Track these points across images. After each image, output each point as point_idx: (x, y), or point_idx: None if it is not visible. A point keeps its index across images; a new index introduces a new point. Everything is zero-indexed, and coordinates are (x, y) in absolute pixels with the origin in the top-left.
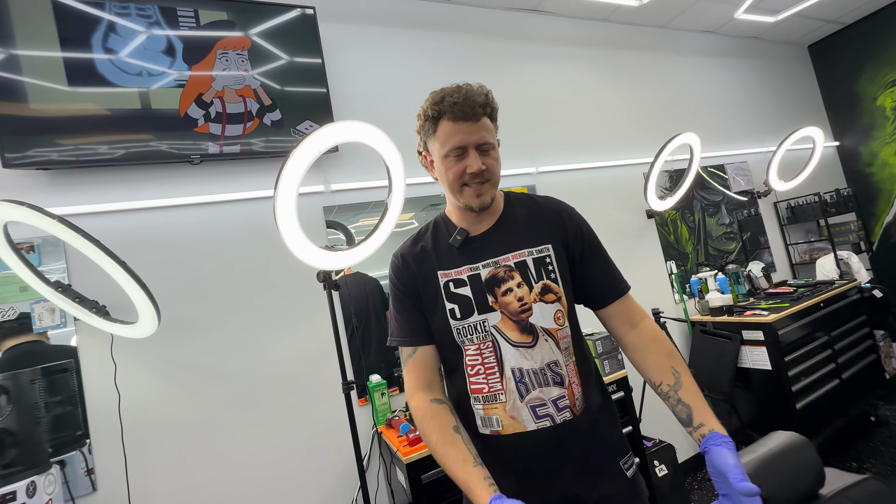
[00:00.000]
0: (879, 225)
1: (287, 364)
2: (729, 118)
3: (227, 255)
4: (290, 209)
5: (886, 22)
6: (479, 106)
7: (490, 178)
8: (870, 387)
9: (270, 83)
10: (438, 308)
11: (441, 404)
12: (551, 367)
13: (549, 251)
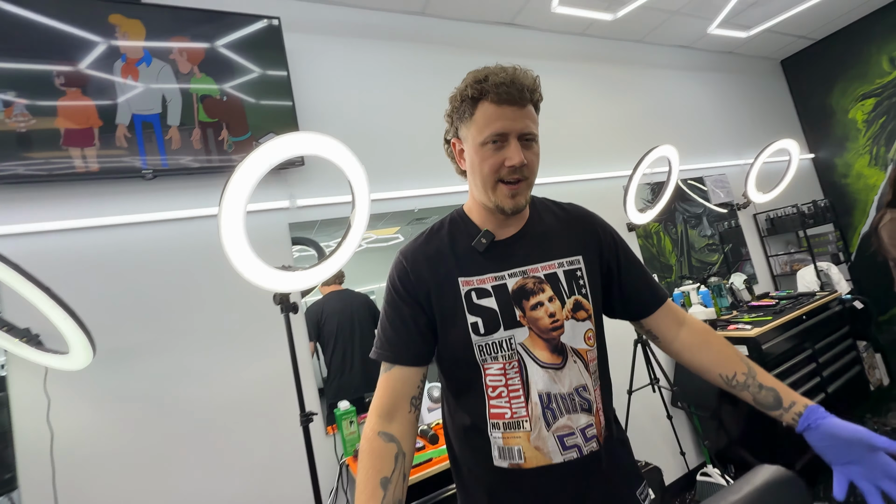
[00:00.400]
0: (857, 235)
1: (245, 392)
2: (707, 131)
3: (181, 275)
4: (237, 227)
5: (855, 37)
6: (527, 90)
7: (528, 177)
8: (855, 400)
9: (236, 94)
10: (458, 321)
11: (388, 443)
12: (580, 392)
13: (581, 264)
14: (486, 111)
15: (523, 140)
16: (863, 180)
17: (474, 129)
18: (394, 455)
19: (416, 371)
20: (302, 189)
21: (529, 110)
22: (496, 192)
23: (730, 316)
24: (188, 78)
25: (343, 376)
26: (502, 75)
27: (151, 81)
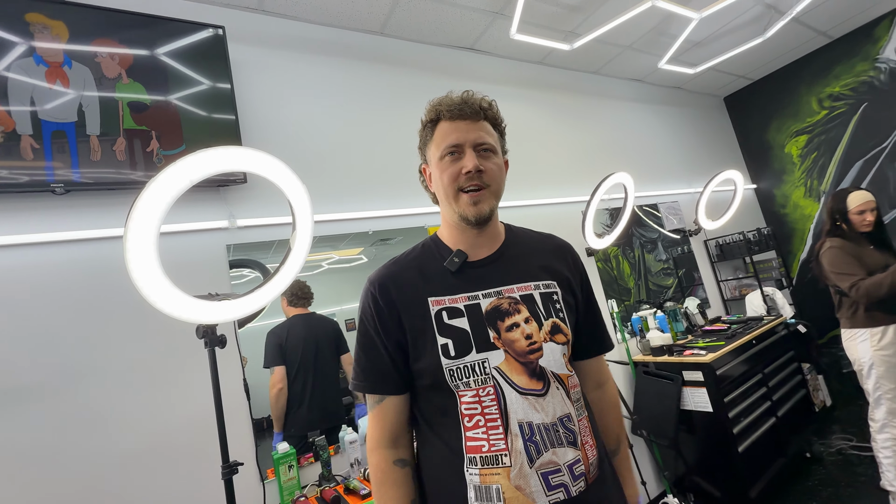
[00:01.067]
0: (796, 262)
1: (164, 438)
2: (659, 160)
3: (90, 304)
4: (147, 249)
5: (788, 79)
6: (478, 107)
7: (489, 184)
8: (803, 422)
9: (173, 103)
10: (427, 342)
11: (404, 468)
12: (564, 423)
13: (556, 288)
14: (443, 129)
15: (479, 150)
16: (799, 210)
17: (434, 148)
18: (410, 477)
19: (404, 398)
20: (243, 208)
21: (483, 125)
22: (458, 201)
23: (685, 341)
24: (113, 84)
25: (300, 409)
26: (454, 97)
27: (78, 86)
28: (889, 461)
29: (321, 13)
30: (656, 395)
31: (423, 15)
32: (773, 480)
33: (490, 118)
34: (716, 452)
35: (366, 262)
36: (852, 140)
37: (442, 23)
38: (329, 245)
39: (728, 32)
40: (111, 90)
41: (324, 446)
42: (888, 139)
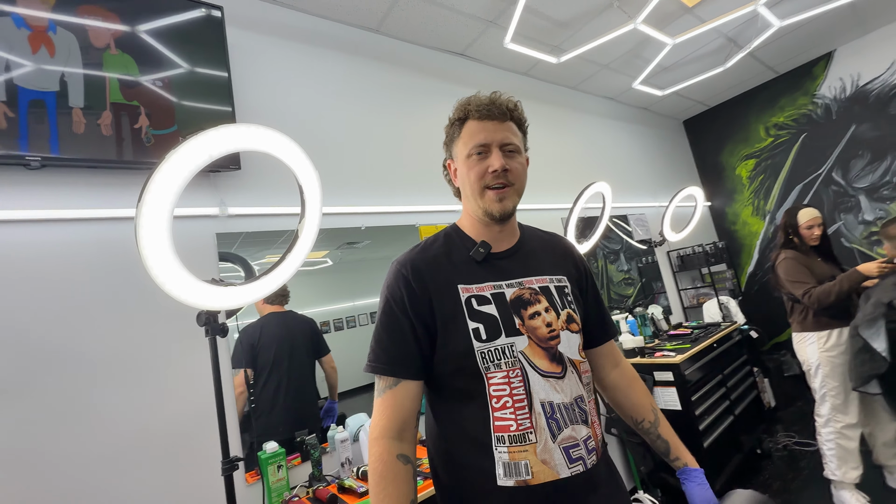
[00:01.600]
0: (744, 274)
1: (147, 436)
2: (629, 174)
3: (65, 290)
4: (161, 229)
5: (739, 107)
6: (505, 108)
7: (514, 183)
8: (755, 421)
9: (160, 92)
10: (458, 327)
11: (406, 465)
12: (578, 403)
13: (566, 283)
14: (471, 127)
15: (505, 150)
16: (747, 227)
17: (461, 145)
18: (412, 476)
19: (420, 385)
20: (234, 196)
21: (510, 125)
22: (484, 198)
23: (654, 344)
24: (100, 54)
25: (273, 413)
26: (483, 98)
27: (62, 53)
28: (832, 452)
29: (320, 4)
30: None
31: (421, 16)
32: (732, 475)
33: (516, 119)
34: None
35: (331, 265)
36: (794, 165)
37: (437, 25)
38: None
39: (693, 60)
40: (98, 60)
41: (315, 445)
42: (823, 166)
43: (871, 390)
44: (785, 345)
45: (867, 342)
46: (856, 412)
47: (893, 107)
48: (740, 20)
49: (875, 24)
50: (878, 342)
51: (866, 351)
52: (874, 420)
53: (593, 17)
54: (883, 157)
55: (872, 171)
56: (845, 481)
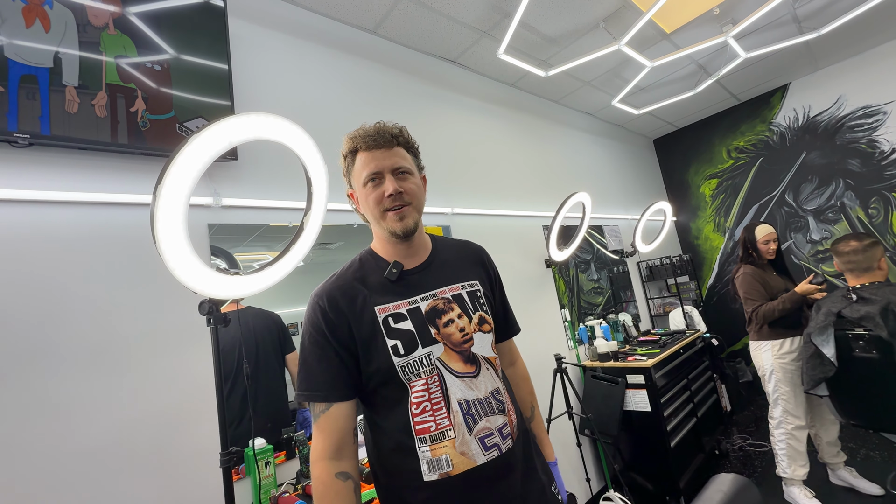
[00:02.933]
0: (705, 286)
1: (127, 431)
2: (604, 187)
3: (45, 275)
4: (177, 218)
5: (705, 130)
6: (391, 136)
7: (411, 202)
8: (714, 423)
9: (159, 76)
10: (378, 346)
11: (346, 481)
12: (495, 396)
13: (479, 286)
14: (362, 158)
15: (398, 174)
16: (709, 242)
17: (356, 176)
18: (353, 490)
19: (352, 405)
20: (229, 187)
21: (398, 150)
22: (386, 220)
23: (625, 349)
24: (99, 32)
25: (244, 422)
26: (369, 129)
27: (58, 29)
28: (783, 452)
29: (322, 1)
30: (602, 396)
31: (419, 21)
32: (695, 472)
33: (403, 143)
34: (651, 448)
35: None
36: (751, 186)
37: (434, 32)
38: (263, 245)
39: (667, 83)
40: (95, 39)
41: (303, 441)
42: (777, 188)
43: (819, 392)
44: (740, 353)
45: (818, 348)
46: (804, 415)
47: (839, 138)
48: (711, 49)
49: (825, 62)
50: (827, 348)
51: (817, 356)
52: (820, 421)
53: (581, 35)
54: (829, 183)
55: (820, 194)
56: (794, 478)
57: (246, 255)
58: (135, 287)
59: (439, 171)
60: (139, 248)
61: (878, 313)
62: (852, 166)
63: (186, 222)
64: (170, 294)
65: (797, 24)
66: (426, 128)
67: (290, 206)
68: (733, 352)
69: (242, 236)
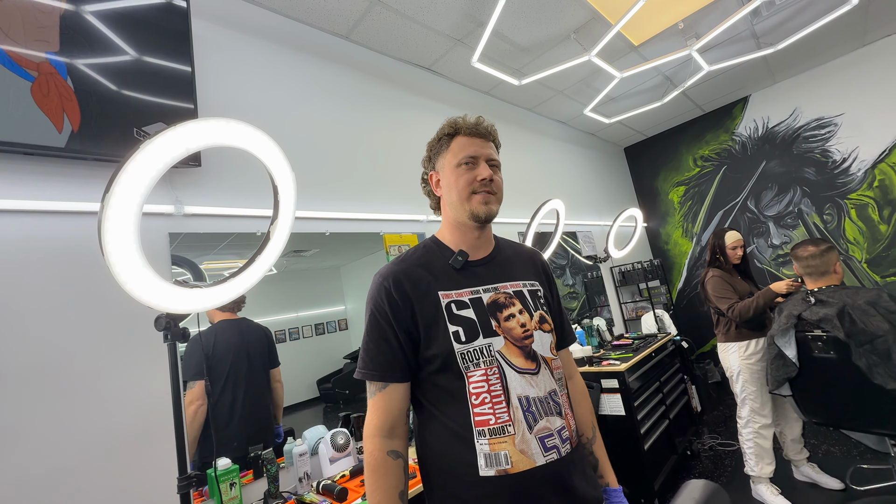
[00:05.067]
0: (675, 290)
1: (86, 452)
2: (578, 194)
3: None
4: (128, 227)
5: (673, 139)
6: (488, 130)
7: (496, 193)
8: (686, 424)
9: (104, 81)
10: (440, 331)
11: (396, 459)
12: (552, 397)
13: (539, 287)
14: (461, 142)
15: (490, 164)
16: (678, 247)
17: (450, 157)
18: (402, 469)
19: (407, 387)
20: (192, 195)
21: (492, 145)
22: (471, 201)
23: (600, 354)
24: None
25: (229, 427)
26: (471, 119)
27: None
28: (751, 451)
29: (292, 5)
30: None
31: (392, 27)
32: (669, 474)
33: (495, 141)
34: (626, 451)
35: (275, 273)
36: (716, 193)
37: (407, 39)
38: (234, 253)
39: (636, 94)
40: None
41: (272, 460)
42: (740, 195)
43: (783, 392)
44: (709, 354)
45: (781, 350)
46: (770, 413)
47: (796, 147)
48: (677, 62)
49: (782, 75)
50: (789, 350)
51: (780, 357)
52: (784, 420)
53: (553, 45)
54: (787, 190)
55: (779, 201)
56: (762, 476)
57: (216, 264)
58: (85, 301)
59: (415, 178)
60: (90, 260)
61: (836, 315)
62: (808, 175)
63: (138, 232)
64: (123, 308)
65: (756, 40)
66: (401, 134)
67: (256, 214)
68: (702, 353)
69: (211, 244)
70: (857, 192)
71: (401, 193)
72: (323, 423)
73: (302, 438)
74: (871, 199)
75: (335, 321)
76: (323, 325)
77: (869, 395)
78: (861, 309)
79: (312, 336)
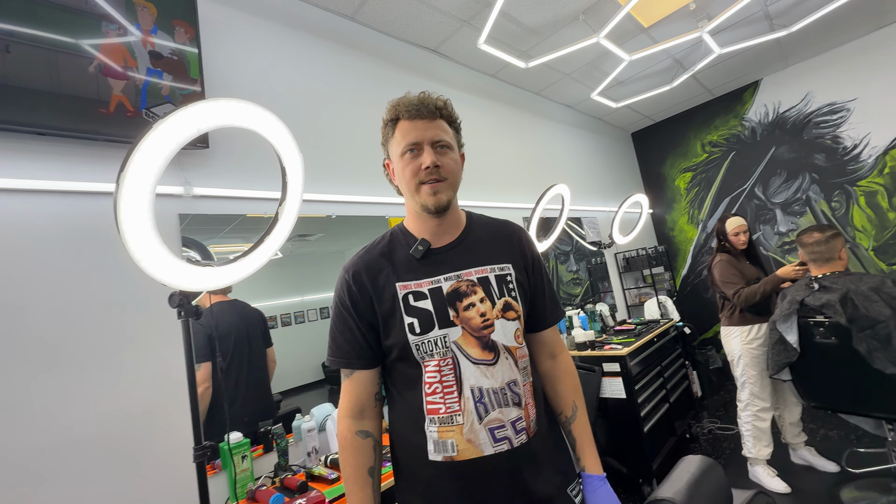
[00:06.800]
0: (679, 276)
1: (97, 427)
2: (583, 179)
3: (2, 267)
4: (143, 207)
5: (681, 124)
6: (434, 107)
7: (447, 178)
8: (686, 408)
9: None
10: (396, 322)
11: (366, 439)
12: (511, 387)
13: (510, 270)
14: (402, 127)
15: (437, 147)
16: (683, 234)
17: (395, 145)
18: (372, 447)
19: (373, 372)
20: (200, 176)
21: (440, 123)
22: (420, 193)
23: (602, 338)
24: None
25: (234, 406)
26: (412, 98)
27: None
28: (748, 433)
29: None
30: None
31: (397, 8)
32: (667, 456)
33: (445, 116)
34: (626, 433)
35: (281, 257)
36: (724, 180)
37: (413, 19)
38: (240, 236)
39: (644, 77)
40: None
41: (281, 434)
42: (748, 182)
43: (783, 377)
44: (711, 341)
45: (782, 335)
46: (769, 397)
47: (806, 133)
48: (687, 44)
49: (795, 59)
50: (791, 335)
51: (781, 343)
52: (783, 404)
53: (561, 26)
54: (796, 177)
55: (787, 188)
56: (759, 458)
57: (222, 247)
58: (103, 279)
59: None
60: (106, 239)
61: (838, 301)
62: (818, 161)
63: (153, 212)
64: (141, 286)
65: (769, 22)
66: None
67: (264, 196)
68: (704, 340)
69: (218, 227)
70: (867, 179)
71: None
72: (329, 404)
73: (310, 415)
74: (881, 186)
75: None
76: (328, 309)
77: (868, 380)
78: (864, 294)
79: (318, 320)
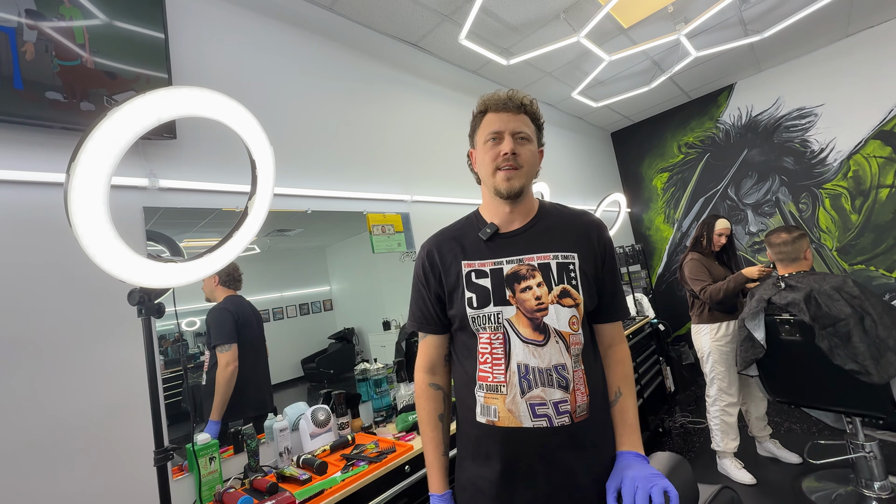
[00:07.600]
0: (655, 274)
1: (59, 429)
2: (564, 178)
3: None
4: (97, 199)
5: (658, 124)
6: (520, 103)
7: (522, 166)
8: (659, 403)
9: (72, 46)
10: (458, 296)
11: (437, 390)
12: (558, 370)
13: (575, 259)
14: (488, 119)
15: (517, 138)
16: (659, 233)
17: (480, 134)
18: (442, 398)
19: (442, 337)
20: (167, 168)
21: (523, 118)
22: (495, 177)
23: None
24: None
25: (247, 391)
26: (500, 94)
27: None
28: (717, 427)
29: None
30: None
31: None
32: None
33: (529, 113)
34: None
35: (258, 252)
36: (699, 180)
37: (392, 12)
38: (216, 231)
39: (624, 78)
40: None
41: (252, 435)
42: (721, 183)
43: (751, 373)
44: (684, 337)
45: (750, 332)
46: (737, 392)
47: (777, 136)
48: (665, 46)
49: (767, 64)
50: (758, 332)
51: (749, 340)
52: (750, 398)
53: (542, 25)
54: (766, 179)
55: (758, 189)
56: (727, 451)
57: (197, 242)
58: (60, 274)
59: (398, 158)
60: (61, 233)
61: (803, 300)
62: (787, 164)
63: (108, 204)
64: (101, 282)
65: (743, 27)
66: (385, 112)
67: (234, 190)
68: (678, 336)
69: (192, 221)
70: (832, 182)
71: (385, 173)
72: (306, 402)
73: (283, 414)
74: (844, 189)
75: (320, 301)
76: (308, 304)
77: (829, 376)
78: (826, 294)
79: (297, 316)
